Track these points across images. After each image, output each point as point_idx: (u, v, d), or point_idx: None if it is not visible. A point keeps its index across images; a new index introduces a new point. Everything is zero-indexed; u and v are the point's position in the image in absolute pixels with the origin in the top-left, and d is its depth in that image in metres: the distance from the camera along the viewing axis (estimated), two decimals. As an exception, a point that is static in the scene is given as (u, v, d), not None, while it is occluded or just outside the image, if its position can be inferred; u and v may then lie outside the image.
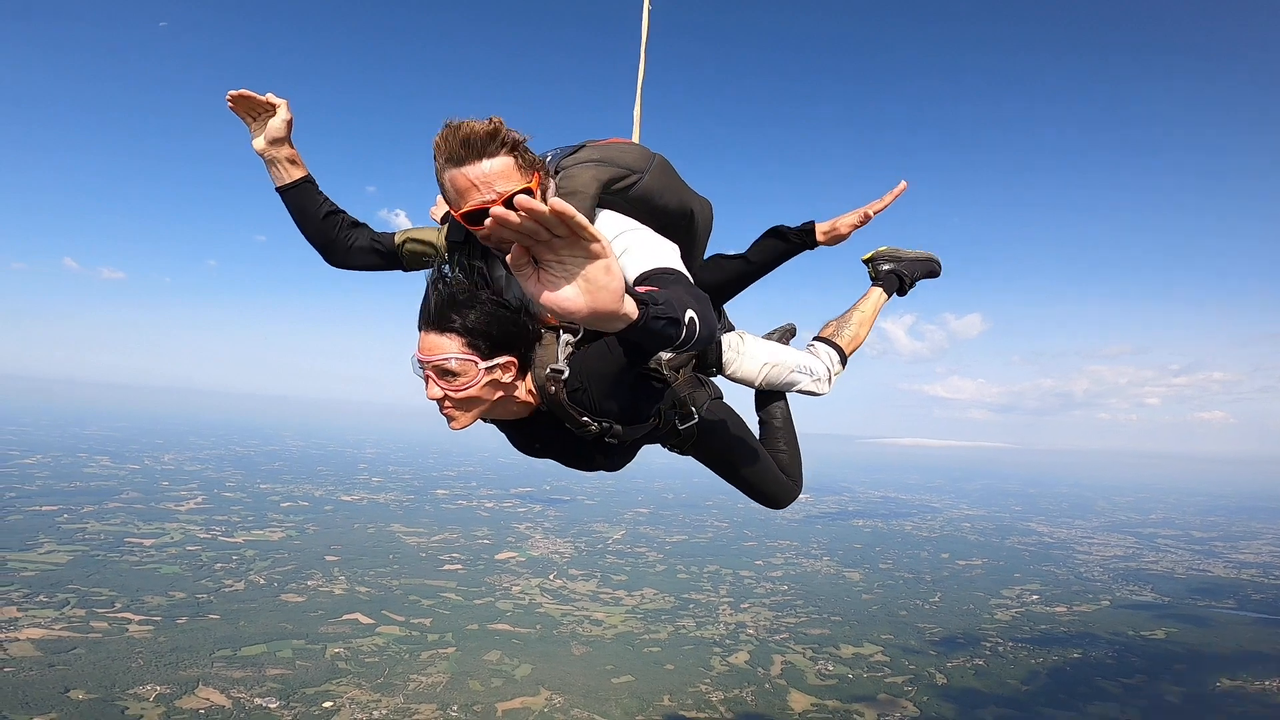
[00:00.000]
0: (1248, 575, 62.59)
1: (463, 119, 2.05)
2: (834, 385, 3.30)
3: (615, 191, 2.36)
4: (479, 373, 2.03)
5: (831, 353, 3.33)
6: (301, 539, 57.44)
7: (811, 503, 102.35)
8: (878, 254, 3.58)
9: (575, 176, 2.30)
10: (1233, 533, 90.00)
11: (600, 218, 2.30)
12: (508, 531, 67.68)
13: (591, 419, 2.19)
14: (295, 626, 37.64)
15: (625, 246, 2.15)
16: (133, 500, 65.96)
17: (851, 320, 3.45)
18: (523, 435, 2.46)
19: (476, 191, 2.05)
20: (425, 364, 2.05)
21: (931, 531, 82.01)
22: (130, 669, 30.50)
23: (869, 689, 34.49)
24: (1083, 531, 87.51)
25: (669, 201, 2.49)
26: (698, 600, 48.18)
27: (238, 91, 2.44)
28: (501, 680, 33.02)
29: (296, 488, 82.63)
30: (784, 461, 3.25)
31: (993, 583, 56.84)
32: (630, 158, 2.41)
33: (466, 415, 2.13)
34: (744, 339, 3.07)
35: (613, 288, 1.35)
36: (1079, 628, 45.22)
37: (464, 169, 2.04)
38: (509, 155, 2.06)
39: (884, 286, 3.52)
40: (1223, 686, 35.80)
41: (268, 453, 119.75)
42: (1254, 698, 34.46)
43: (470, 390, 2.05)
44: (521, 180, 2.08)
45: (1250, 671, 37.50)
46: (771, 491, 3.14)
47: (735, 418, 2.96)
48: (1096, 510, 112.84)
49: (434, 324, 2.04)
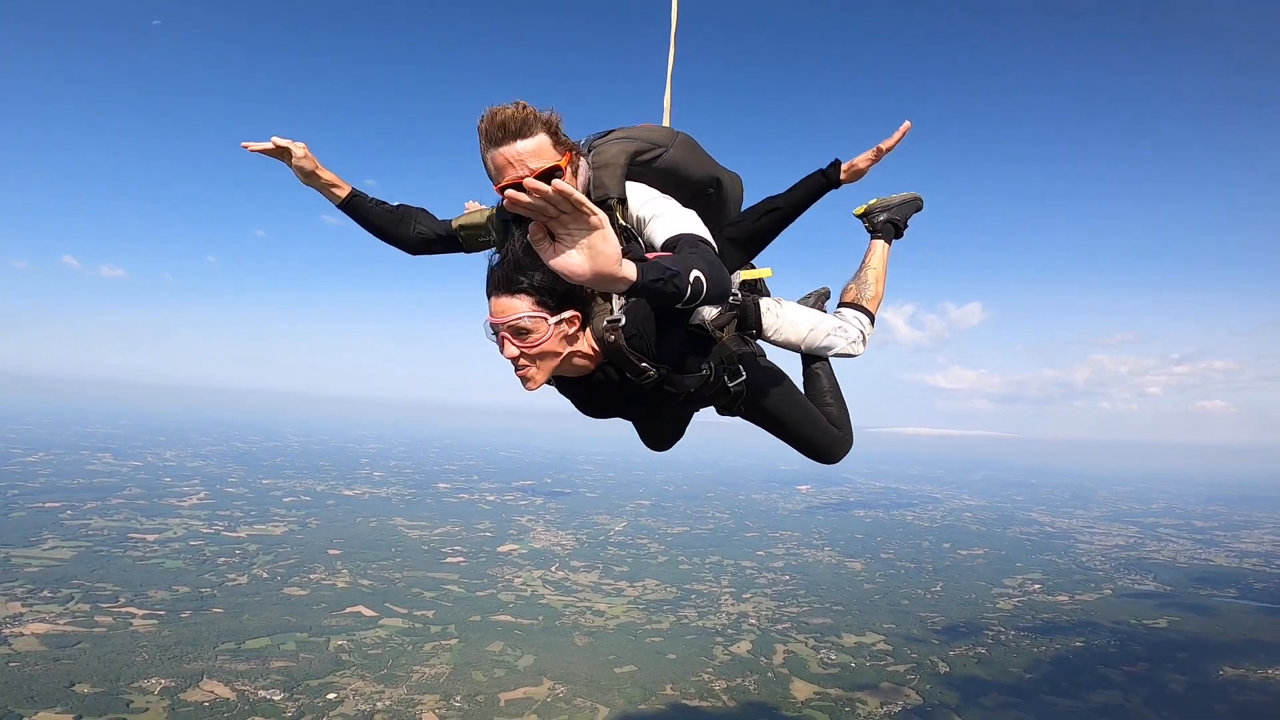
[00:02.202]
0: (1250, 564, 62.55)
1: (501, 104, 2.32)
2: (868, 344, 3.46)
3: (642, 163, 2.63)
4: (550, 328, 2.20)
5: (859, 315, 3.48)
6: (304, 533, 57.56)
7: (813, 493, 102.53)
8: (870, 208, 3.73)
9: (604, 151, 2.59)
10: (1234, 522, 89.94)
11: (630, 189, 2.56)
12: (509, 524, 67.82)
13: (650, 364, 2.41)
14: (298, 619, 37.73)
15: (652, 214, 2.43)
16: (135, 496, 66.09)
17: (867, 279, 3.58)
18: (588, 395, 2.65)
19: (511, 169, 2.31)
20: (499, 326, 2.22)
21: (933, 521, 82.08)
22: (134, 663, 30.55)
23: (872, 677, 34.53)
24: (1084, 521, 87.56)
25: (694, 172, 2.76)
26: (699, 591, 48.27)
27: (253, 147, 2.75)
28: (504, 671, 33.10)
29: (298, 483, 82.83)
30: (833, 415, 3.39)
31: (994, 572, 56.88)
32: (656, 135, 2.71)
33: (541, 372, 2.28)
34: (781, 304, 3.24)
35: (609, 253, 1.57)
36: (1081, 616, 45.24)
37: (501, 149, 2.31)
38: (542, 135, 2.32)
39: (884, 236, 3.66)
40: (1226, 675, 35.70)
41: (269, 448, 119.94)
42: (1257, 686, 34.37)
43: (544, 345, 2.21)
44: (553, 156, 2.34)
45: (1254, 660, 37.42)
46: (823, 443, 3.30)
47: (781, 375, 3.19)
48: (1098, 500, 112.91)
49: (504, 287, 2.21)
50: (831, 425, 3.33)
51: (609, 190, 2.53)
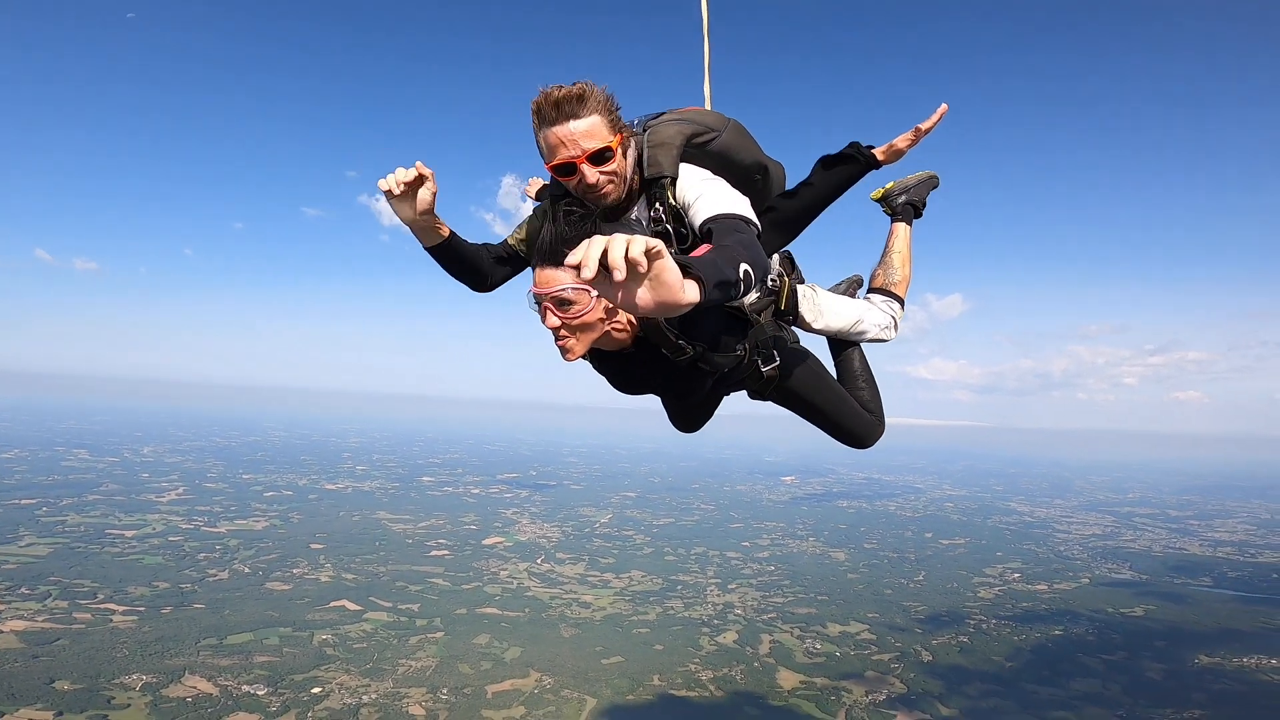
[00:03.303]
0: (1223, 553, 63.81)
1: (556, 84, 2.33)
2: (900, 329, 3.47)
3: (696, 146, 2.67)
4: (592, 300, 2.22)
5: (890, 302, 3.50)
6: (286, 528, 57.08)
7: (797, 484, 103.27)
8: (888, 191, 3.71)
9: (661, 131, 2.62)
10: (1208, 511, 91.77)
11: (683, 169, 2.60)
12: (494, 517, 67.73)
13: (686, 341, 2.47)
14: (281, 614, 37.44)
15: (700, 193, 2.46)
16: (112, 492, 65.25)
17: (893, 264, 3.60)
18: (623, 371, 2.69)
19: (564, 148, 2.36)
20: (543, 296, 2.22)
21: (915, 511, 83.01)
22: (115, 659, 30.20)
23: (856, 666, 34.90)
24: (1062, 510, 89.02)
25: (744, 158, 2.79)
26: (685, 581, 48.48)
27: (406, 179, 2.39)
28: (491, 663, 33.06)
29: (279, 477, 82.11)
30: (865, 399, 3.44)
31: (975, 561, 57.67)
32: (709, 119, 2.73)
33: (580, 343, 2.31)
34: (816, 291, 3.25)
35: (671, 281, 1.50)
36: (1060, 605, 45.94)
37: (554, 129, 2.34)
38: (596, 115, 2.34)
39: (904, 218, 3.66)
40: (1202, 663, 36.30)
41: (249, 443, 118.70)
42: (1232, 674, 34.95)
43: (585, 316, 2.24)
44: (605, 136, 2.37)
45: (1228, 649, 38.03)
46: (855, 428, 3.33)
47: (814, 360, 3.22)
48: (1075, 489, 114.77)
49: (549, 258, 2.21)
50: (864, 410, 3.37)
51: (663, 169, 2.56)
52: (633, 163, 2.54)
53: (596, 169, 2.41)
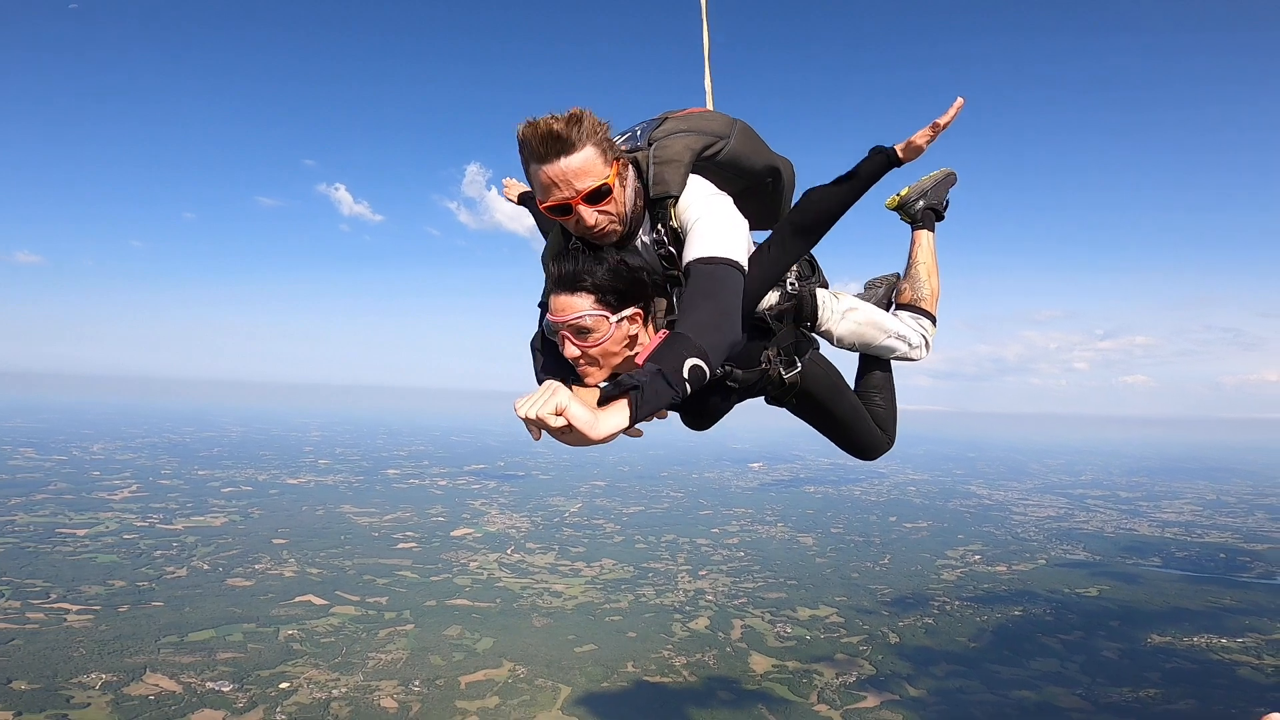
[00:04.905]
0: (1171, 533, 66.24)
1: (547, 114, 2.12)
2: (931, 349, 3.31)
3: (705, 158, 2.49)
4: (611, 326, 2.16)
5: (918, 318, 3.33)
6: (246, 523, 55.86)
7: (765, 470, 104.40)
8: (904, 198, 3.49)
9: (669, 146, 2.43)
10: (1156, 492, 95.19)
11: (690, 183, 2.42)
12: (463, 508, 67.12)
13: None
14: (245, 610, 36.68)
15: (697, 218, 2.31)
16: (62, 491, 63.20)
17: (920, 276, 3.41)
18: None
19: (558, 189, 2.17)
20: (560, 325, 2.16)
21: (879, 496, 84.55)
22: (72, 658, 29.42)
23: (826, 649, 35.48)
24: (1018, 493, 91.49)
25: (755, 163, 2.64)
26: (656, 569, 48.69)
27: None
28: (463, 654, 32.82)
29: (238, 472, 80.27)
30: (879, 414, 3.33)
31: (938, 544, 59.00)
32: (715, 124, 2.55)
33: (601, 371, 2.23)
34: (839, 298, 3.04)
35: (584, 430, 1.72)
36: (1019, 586, 47.27)
37: (545, 167, 2.14)
38: (589, 147, 2.14)
39: (925, 225, 3.46)
40: (1154, 642, 37.55)
41: (205, 439, 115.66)
42: (1183, 653, 36.16)
43: (604, 344, 2.17)
44: (602, 172, 2.18)
45: (1179, 628, 39.36)
46: (865, 442, 3.26)
47: (833, 370, 3.10)
48: (1030, 472, 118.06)
49: (565, 285, 2.15)
50: (875, 425, 3.29)
51: (670, 188, 2.39)
52: (633, 191, 2.37)
53: (594, 208, 2.23)
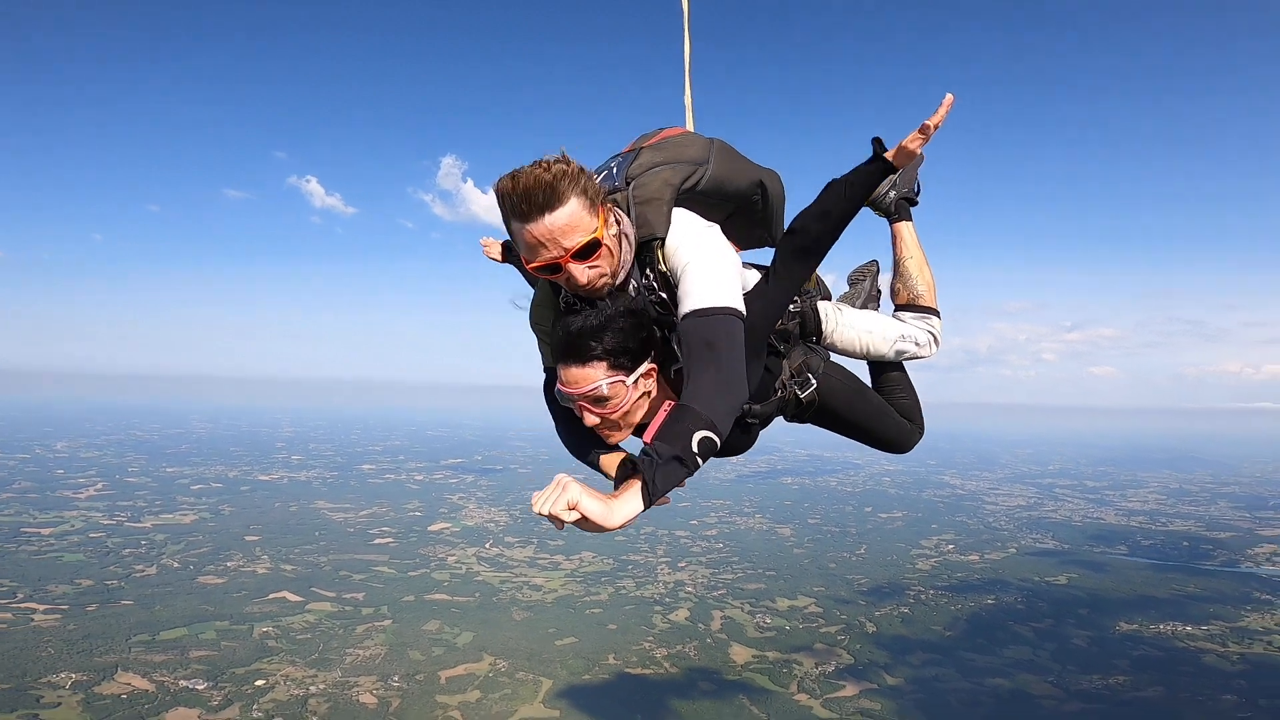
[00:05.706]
0: (1137, 522, 67.79)
1: (524, 166, 1.99)
2: (940, 343, 3.24)
3: (686, 190, 2.35)
4: (629, 390, 2.08)
5: (921, 316, 3.26)
6: (217, 521, 54.90)
7: (742, 463, 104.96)
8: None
9: (647, 184, 2.30)
10: (1122, 481, 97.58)
11: (675, 218, 2.29)
12: (440, 503, 66.61)
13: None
14: (217, 608, 36.03)
15: (685, 264, 2.17)
16: (26, 490, 61.74)
17: (909, 272, 3.31)
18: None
19: (545, 249, 2.04)
20: (576, 398, 2.07)
21: (855, 486, 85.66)
22: (40, 658, 28.78)
23: (805, 639, 35.78)
24: (989, 483, 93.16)
25: (739, 184, 2.50)
26: (636, 561, 48.71)
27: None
28: (443, 649, 32.56)
29: (207, 469, 78.87)
30: (904, 407, 3.26)
31: (913, 534, 59.85)
32: (692, 150, 2.43)
33: (625, 430, 2.18)
34: (841, 310, 3.02)
35: (599, 522, 1.66)
36: (991, 574, 48.09)
37: (529, 226, 2.01)
38: (573, 198, 2.01)
39: (902, 215, 3.35)
40: (1122, 629, 38.36)
41: (172, 435, 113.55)
42: (1150, 641, 36.99)
43: (624, 408, 2.10)
44: (590, 225, 2.05)
45: (1146, 615, 40.23)
46: (893, 438, 3.19)
47: (848, 375, 3.04)
48: (1000, 462, 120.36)
49: (575, 357, 2.05)
50: (902, 418, 3.23)
51: (654, 229, 2.25)
52: (622, 237, 2.23)
53: (584, 264, 2.09)
